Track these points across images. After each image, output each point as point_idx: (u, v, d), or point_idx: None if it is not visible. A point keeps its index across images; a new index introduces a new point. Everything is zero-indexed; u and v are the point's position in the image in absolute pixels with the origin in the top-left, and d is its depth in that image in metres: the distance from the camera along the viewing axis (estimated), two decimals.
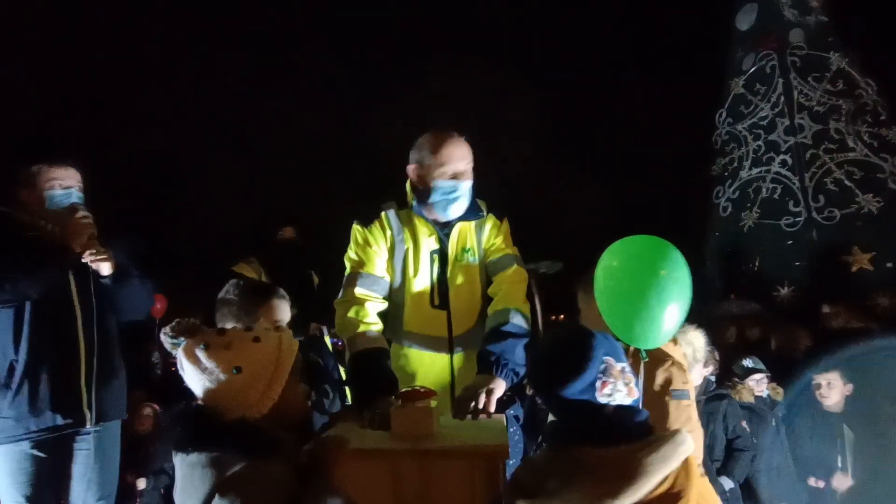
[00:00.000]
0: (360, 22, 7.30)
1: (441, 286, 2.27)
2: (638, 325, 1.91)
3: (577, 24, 7.03)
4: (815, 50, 6.14)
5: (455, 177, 2.23)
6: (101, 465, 2.55)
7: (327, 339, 3.21)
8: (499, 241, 2.35)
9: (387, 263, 2.31)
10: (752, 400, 3.87)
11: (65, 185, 2.60)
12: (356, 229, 2.33)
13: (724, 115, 6.49)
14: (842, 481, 3.40)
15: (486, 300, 2.32)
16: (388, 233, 2.30)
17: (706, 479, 1.94)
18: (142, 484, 4.18)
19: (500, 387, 1.94)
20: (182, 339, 1.51)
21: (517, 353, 2.06)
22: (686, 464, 1.51)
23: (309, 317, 3.22)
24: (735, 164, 6.30)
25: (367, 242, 2.30)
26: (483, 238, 2.36)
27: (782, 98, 6.07)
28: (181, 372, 1.52)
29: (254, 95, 7.17)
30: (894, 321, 5.22)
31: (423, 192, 2.25)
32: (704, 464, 2.05)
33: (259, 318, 2.18)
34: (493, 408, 1.85)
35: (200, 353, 1.48)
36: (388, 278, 2.31)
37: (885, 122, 5.97)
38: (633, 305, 1.88)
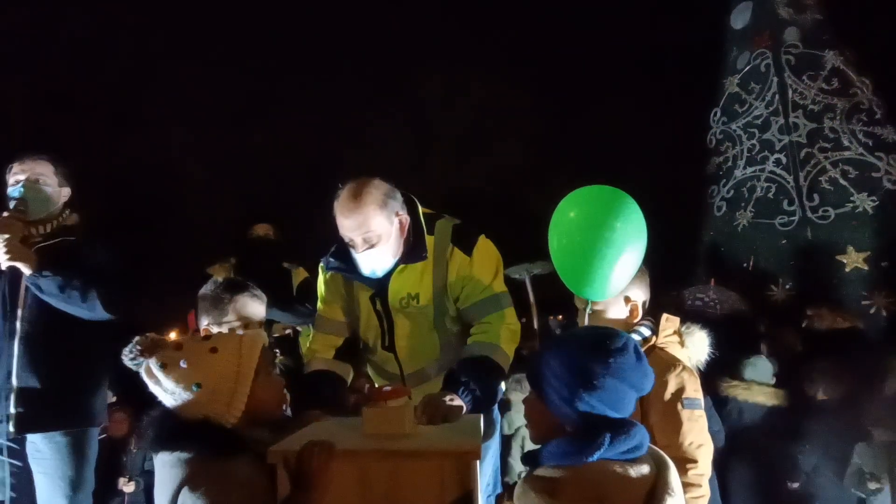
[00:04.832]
0: (354, 24, 7.28)
1: (389, 330, 2.25)
2: (589, 278, 1.92)
3: (570, 23, 7.01)
4: (809, 48, 6.11)
5: (352, 245, 2.15)
6: (72, 474, 2.51)
7: (302, 341, 3.19)
8: (469, 286, 2.17)
9: (342, 305, 2.31)
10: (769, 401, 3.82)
11: (18, 179, 2.55)
12: (320, 273, 2.38)
13: (718, 114, 6.46)
14: None
15: (444, 341, 2.25)
16: (340, 277, 2.31)
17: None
18: (130, 487, 4.18)
19: (461, 405, 1.88)
20: (142, 359, 1.51)
21: (484, 383, 1.99)
22: None
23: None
24: (729, 164, 6.28)
25: (325, 287, 2.34)
26: (445, 280, 2.19)
27: (777, 97, 6.04)
28: (152, 390, 1.53)
29: (250, 97, 7.14)
30: (889, 321, 5.20)
31: None
32: (710, 480, 1.97)
33: (228, 313, 2.19)
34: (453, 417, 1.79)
35: (158, 373, 1.48)
36: (342, 319, 2.31)
37: (879, 120, 5.94)
38: (586, 260, 1.89)
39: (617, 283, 2.02)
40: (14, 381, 2.41)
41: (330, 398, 2.12)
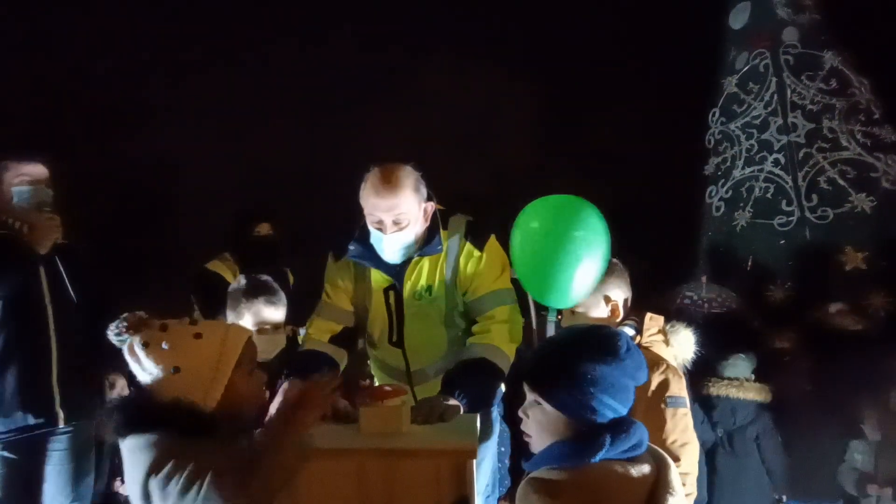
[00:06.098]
0: (353, 22, 7.28)
1: (398, 324, 2.27)
2: (552, 285, 1.95)
3: (568, 23, 7.01)
4: (808, 48, 6.12)
5: (379, 227, 2.18)
6: (75, 465, 2.54)
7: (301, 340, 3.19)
8: (477, 280, 2.22)
9: (351, 297, 2.34)
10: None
11: (32, 181, 2.59)
12: (329, 262, 2.38)
13: (716, 114, 6.47)
14: None
15: (452, 337, 2.29)
16: (351, 268, 2.32)
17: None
18: (125, 489, 4.17)
19: (457, 405, 1.89)
20: (127, 336, 1.52)
21: (481, 385, 2.02)
22: None
23: None
24: (728, 164, 6.28)
25: (333, 276, 2.36)
26: (455, 274, 2.22)
27: (775, 97, 6.05)
28: (131, 368, 1.53)
29: (249, 96, 7.14)
30: (888, 321, 5.21)
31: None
32: (698, 480, 1.98)
33: (244, 315, 2.22)
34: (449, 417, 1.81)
35: (140, 352, 1.48)
36: (348, 308, 2.35)
37: (878, 120, 5.95)
38: (548, 266, 1.92)
39: (578, 290, 2.05)
40: (55, 373, 2.46)
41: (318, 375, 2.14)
